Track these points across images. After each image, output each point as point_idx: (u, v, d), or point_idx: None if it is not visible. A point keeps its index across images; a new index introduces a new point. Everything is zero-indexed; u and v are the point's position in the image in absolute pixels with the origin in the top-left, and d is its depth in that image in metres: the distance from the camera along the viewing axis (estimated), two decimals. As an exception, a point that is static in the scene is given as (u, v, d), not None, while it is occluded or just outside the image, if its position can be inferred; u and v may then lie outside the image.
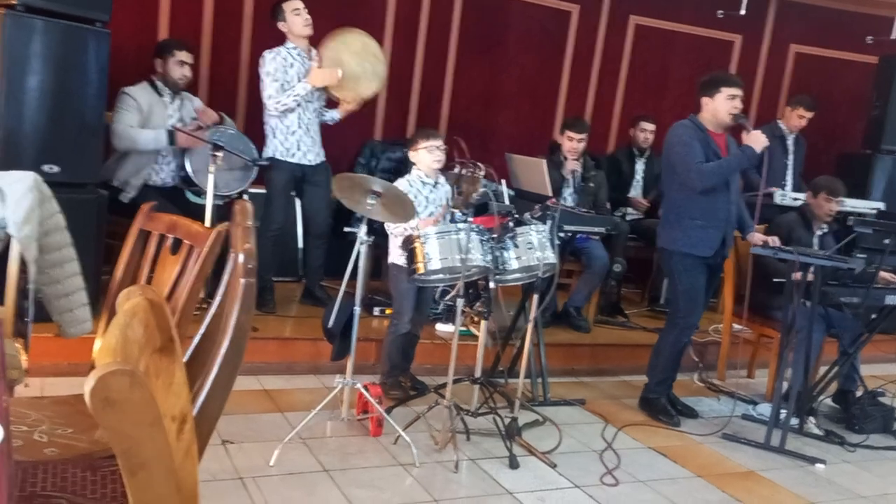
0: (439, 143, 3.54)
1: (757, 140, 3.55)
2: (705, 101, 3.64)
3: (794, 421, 3.75)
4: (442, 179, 3.63)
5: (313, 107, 4.20)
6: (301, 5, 4.09)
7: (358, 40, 4.29)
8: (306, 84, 4.05)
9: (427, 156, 3.53)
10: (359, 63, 4.25)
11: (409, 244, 3.20)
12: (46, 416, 1.90)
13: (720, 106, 3.60)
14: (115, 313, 2.06)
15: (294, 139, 4.15)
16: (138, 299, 1.07)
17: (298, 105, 4.09)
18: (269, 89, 4.03)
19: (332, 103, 4.33)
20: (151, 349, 1.05)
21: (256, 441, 3.02)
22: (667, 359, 3.84)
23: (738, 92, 3.61)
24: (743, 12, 5.72)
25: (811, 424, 3.86)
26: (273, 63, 4.04)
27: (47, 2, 3.34)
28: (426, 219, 3.49)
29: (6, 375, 1.36)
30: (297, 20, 4.07)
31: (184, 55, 4.07)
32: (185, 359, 1.35)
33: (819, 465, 3.49)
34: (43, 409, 1.95)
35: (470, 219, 3.28)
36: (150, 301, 1.08)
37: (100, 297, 3.01)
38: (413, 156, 3.59)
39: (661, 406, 3.85)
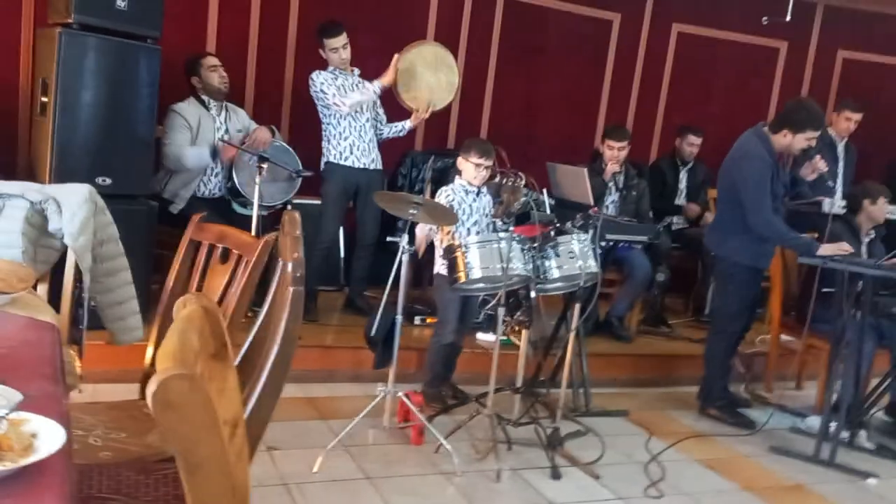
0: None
1: (835, 251, 3.65)
2: (786, 132, 3.72)
3: (845, 434, 3.66)
4: (484, 189, 3.64)
5: (366, 116, 4.35)
6: (340, 44, 4.23)
7: (431, 51, 4.44)
8: (378, 82, 4.22)
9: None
10: (433, 74, 4.40)
11: (450, 253, 3.22)
12: (101, 421, 1.96)
13: (797, 143, 3.75)
14: (166, 321, 2.12)
15: (347, 143, 4.31)
16: (194, 306, 1.11)
17: (365, 101, 4.23)
18: (329, 91, 4.21)
19: (403, 114, 4.44)
20: (206, 355, 1.08)
21: (300, 448, 3.06)
22: (725, 364, 3.99)
23: (817, 135, 3.79)
24: (788, 18, 5.61)
25: (862, 438, 3.76)
26: (320, 77, 4.25)
27: (101, 20, 3.46)
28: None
29: (64, 381, 1.41)
30: (333, 56, 4.28)
31: (211, 59, 4.21)
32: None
33: (871, 480, 3.40)
34: (97, 413, 2.02)
35: (511, 228, 3.29)
36: (205, 308, 1.11)
37: (150, 306, 3.08)
38: (467, 164, 3.54)
39: (732, 408, 3.99)
